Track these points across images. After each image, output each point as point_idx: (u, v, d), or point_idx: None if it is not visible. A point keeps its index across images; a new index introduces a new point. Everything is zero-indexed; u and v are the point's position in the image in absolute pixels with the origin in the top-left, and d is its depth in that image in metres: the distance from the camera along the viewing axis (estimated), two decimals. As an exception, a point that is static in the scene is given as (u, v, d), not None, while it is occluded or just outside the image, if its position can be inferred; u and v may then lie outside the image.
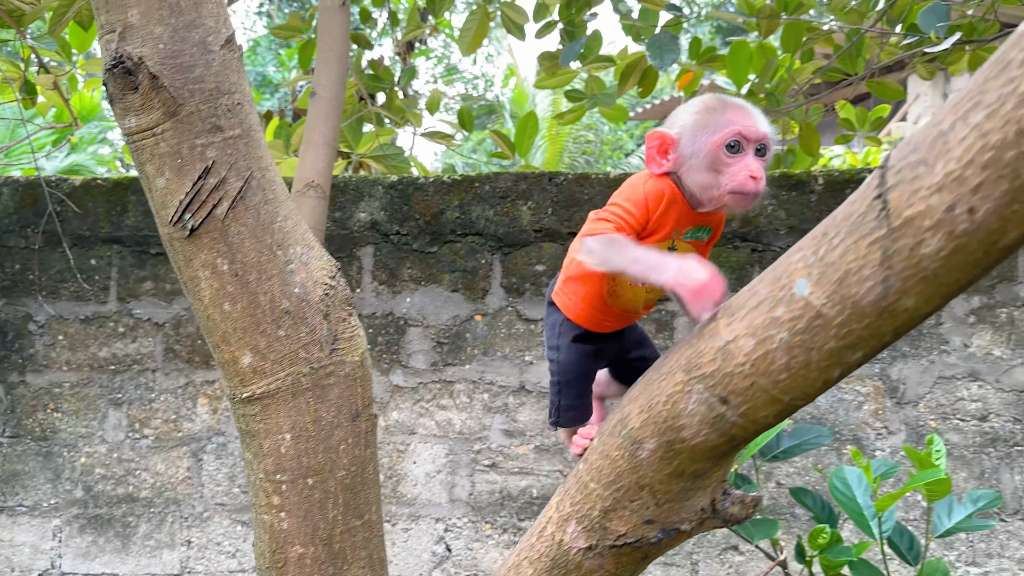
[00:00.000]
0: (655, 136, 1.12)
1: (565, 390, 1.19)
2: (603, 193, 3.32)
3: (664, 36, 3.20)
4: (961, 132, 0.64)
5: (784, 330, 0.74)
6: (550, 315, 1.24)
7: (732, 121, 1.06)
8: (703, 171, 1.08)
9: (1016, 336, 3.20)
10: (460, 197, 3.31)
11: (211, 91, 1.13)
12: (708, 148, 1.06)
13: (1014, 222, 0.63)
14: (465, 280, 3.28)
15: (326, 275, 1.24)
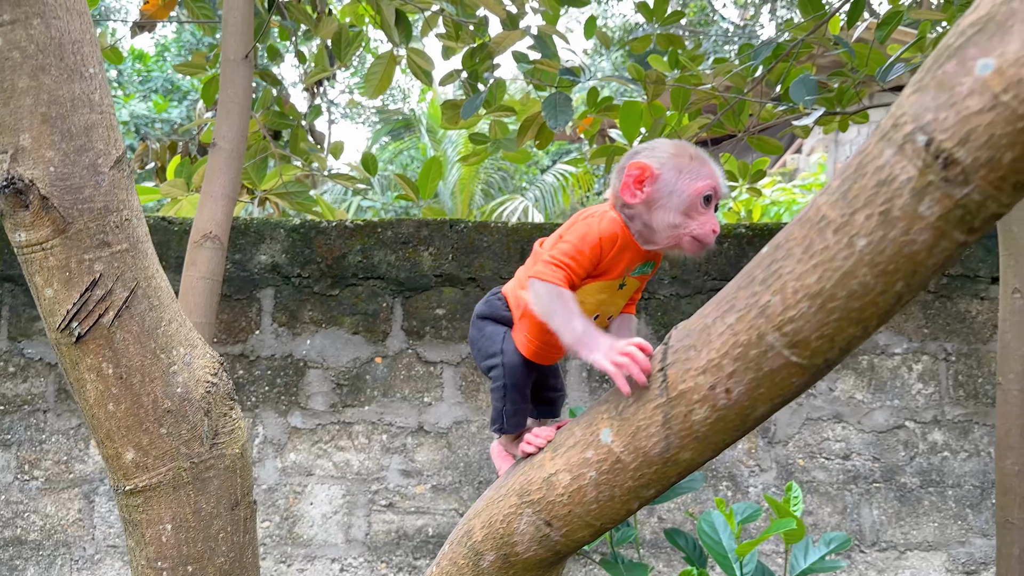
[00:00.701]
0: (636, 166, 1.14)
1: (511, 394, 1.19)
2: (501, 241, 3.47)
3: (559, 97, 3.37)
4: (719, 328, 0.79)
5: (593, 469, 0.88)
6: (484, 327, 1.25)
7: (712, 174, 1.13)
8: (675, 212, 1.11)
9: (876, 381, 3.50)
10: (363, 242, 3.40)
11: (100, 209, 1.21)
12: (689, 193, 1.10)
13: (761, 401, 0.79)
14: (366, 323, 3.37)
15: (208, 373, 1.33)
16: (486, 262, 3.44)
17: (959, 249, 0.69)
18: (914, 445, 3.49)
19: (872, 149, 0.70)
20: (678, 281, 3.49)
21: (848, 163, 0.72)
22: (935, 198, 0.66)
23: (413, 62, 3.83)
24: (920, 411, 3.50)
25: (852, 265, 0.70)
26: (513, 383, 1.19)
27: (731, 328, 0.78)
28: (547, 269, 1.10)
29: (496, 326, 1.23)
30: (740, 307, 0.78)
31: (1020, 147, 0.62)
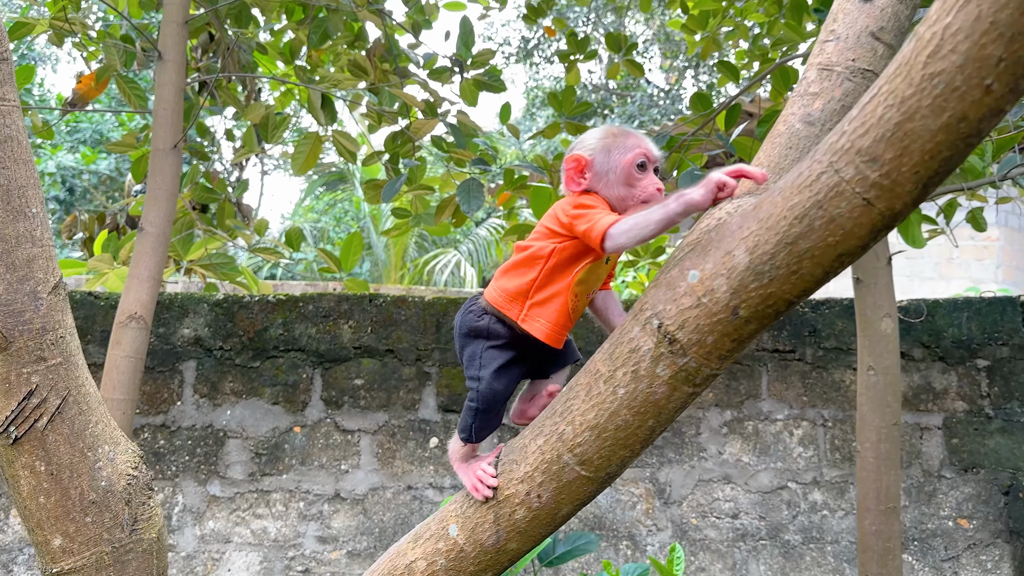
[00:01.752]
0: (572, 159, 1.25)
1: (481, 416, 1.25)
2: (418, 315, 3.70)
3: (472, 184, 3.66)
4: (532, 448, 1.05)
5: (443, 558, 1.12)
6: (467, 345, 1.30)
7: (638, 144, 1.22)
8: (619, 185, 1.21)
9: (760, 445, 3.82)
10: (284, 315, 3.59)
11: (38, 330, 1.41)
12: (622, 165, 1.20)
13: (564, 504, 1.04)
14: (286, 393, 3.54)
15: (130, 466, 1.53)
16: (404, 334, 3.67)
17: (690, 397, 0.96)
18: (796, 504, 3.80)
19: (628, 324, 0.98)
20: (582, 352, 3.77)
21: (615, 332, 0.99)
22: (666, 364, 0.93)
23: (339, 142, 4.07)
24: (801, 472, 3.83)
25: (616, 407, 0.97)
26: (485, 408, 1.24)
27: (540, 448, 1.03)
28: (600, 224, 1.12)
29: (475, 343, 1.28)
30: (546, 432, 1.03)
31: (717, 333, 0.90)
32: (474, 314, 1.30)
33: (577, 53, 4.99)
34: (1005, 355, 3.92)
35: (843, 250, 0.83)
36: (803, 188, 0.84)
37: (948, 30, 0.72)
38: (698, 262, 0.92)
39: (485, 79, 4.19)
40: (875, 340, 3.13)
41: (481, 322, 1.28)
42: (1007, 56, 0.70)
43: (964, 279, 9.58)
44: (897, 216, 0.81)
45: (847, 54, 1.00)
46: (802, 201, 0.84)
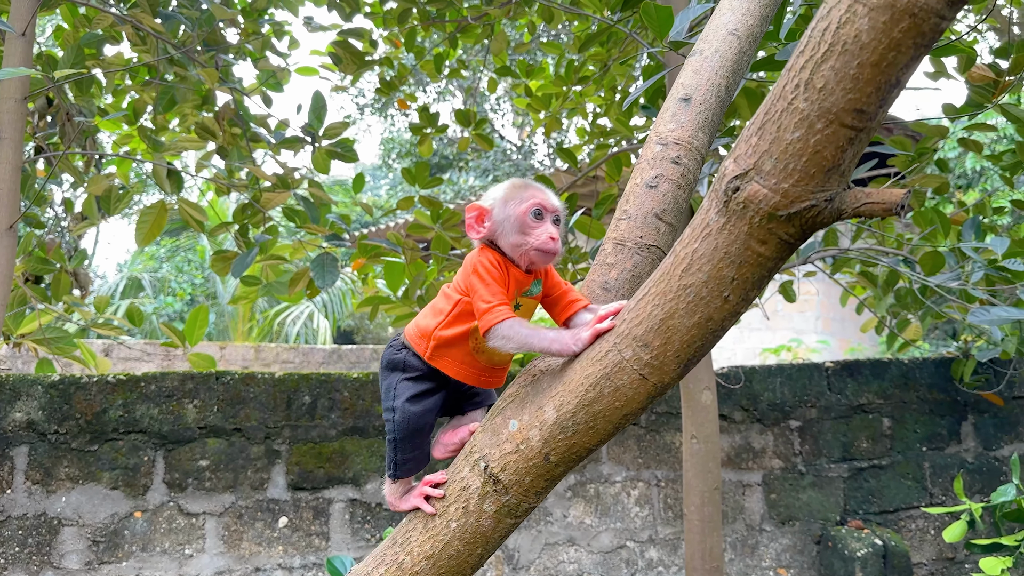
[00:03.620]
0: (473, 208, 1.31)
1: (401, 445, 1.29)
2: (268, 391, 3.70)
3: (326, 258, 3.73)
4: (376, 574, 1.16)
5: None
6: (385, 378, 1.35)
7: (534, 195, 1.28)
8: (514, 233, 1.26)
9: (601, 506, 4.06)
10: (125, 396, 3.49)
11: None
12: (517, 214, 1.26)
13: None
14: (126, 477, 3.43)
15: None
16: (252, 412, 3.65)
17: (512, 527, 1.12)
18: (634, 563, 4.05)
19: (460, 463, 1.13)
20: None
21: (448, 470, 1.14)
22: (491, 500, 1.09)
23: (185, 212, 4.03)
24: (638, 531, 4.09)
25: (449, 539, 1.11)
26: (403, 436, 1.29)
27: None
28: (491, 315, 1.21)
29: (391, 376, 1.34)
30: (387, 562, 1.16)
31: (533, 475, 1.07)
32: (393, 348, 1.36)
33: (428, 126, 5.19)
34: (814, 416, 4.38)
35: (627, 412, 1.02)
36: (595, 361, 1.03)
37: (696, 253, 0.93)
38: (517, 413, 1.09)
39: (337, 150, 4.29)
40: (697, 411, 3.45)
41: (398, 355, 1.34)
42: (738, 277, 0.92)
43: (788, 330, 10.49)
44: (667, 387, 1.01)
45: (636, 231, 1.22)
46: (594, 372, 1.02)
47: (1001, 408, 4.52)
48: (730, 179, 0.89)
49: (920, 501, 4.41)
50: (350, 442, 3.74)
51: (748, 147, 0.88)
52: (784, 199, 0.86)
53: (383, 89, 5.21)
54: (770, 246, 0.90)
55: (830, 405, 4.40)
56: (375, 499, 3.74)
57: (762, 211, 0.87)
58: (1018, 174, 4.03)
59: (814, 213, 0.87)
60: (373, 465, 3.75)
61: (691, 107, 1.29)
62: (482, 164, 18.81)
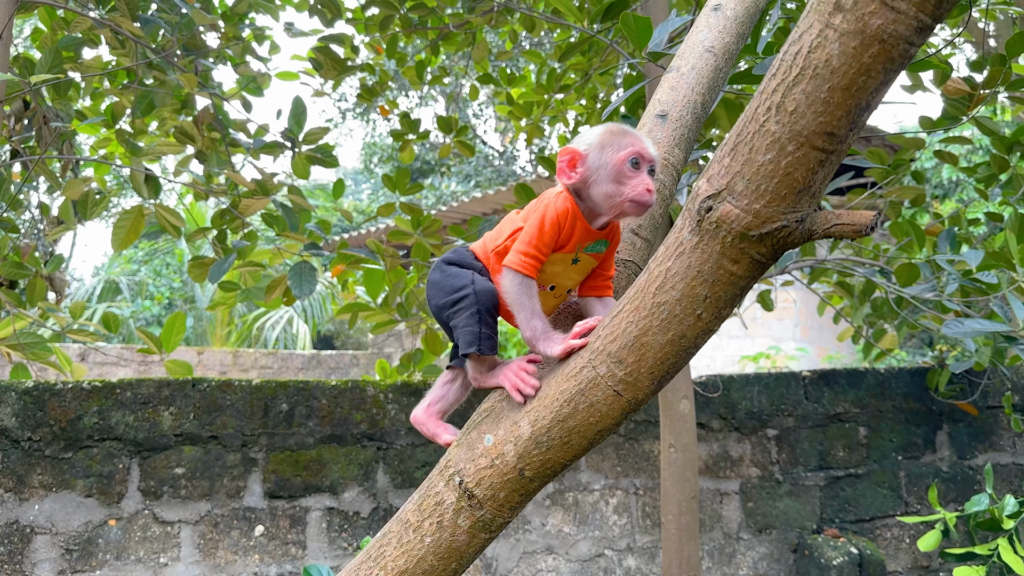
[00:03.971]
0: (566, 152, 1.25)
1: (485, 317, 1.22)
2: (245, 399, 3.67)
3: (304, 267, 3.72)
4: None
5: None
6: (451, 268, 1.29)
7: (632, 143, 1.22)
8: (608, 182, 1.21)
9: (580, 515, 4.06)
10: (100, 403, 3.46)
11: None
12: (614, 162, 1.21)
13: None
14: (100, 485, 3.39)
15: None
16: (229, 419, 3.62)
17: (487, 542, 1.12)
18: (612, 571, 4.06)
19: (435, 478, 1.13)
20: (414, 431, 3.88)
21: (423, 485, 1.14)
22: (466, 515, 1.09)
23: (162, 217, 3.99)
24: (616, 540, 4.10)
25: (424, 553, 1.10)
26: (486, 307, 1.22)
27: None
28: (516, 258, 1.19)
29: (464, 269, 1.27)
30: (361, 576, 1.15)
31: (507, 490, 1.07)
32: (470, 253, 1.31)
33: (410, 133, 5.19)
34: (791, 425, 4.41)
35: (602, 427, 1.03)
36: (571, 377, 1.03)
37: (669, 271, 0.94)
38: (492, 428, 1.09)
39: (318, 155, 4.27)
40: (675, 419, 3.46)
41: (476, 263, 1.29)
42: (711, 295, 0.93)
43: (767, 337, 10.56)
44: (640, 403, 1.01)
45: (612, 246, 1.23)
46: (570, 388, 1.03)
47: (975, 418, 4.57)
48: (703, 199, 0.90)
49: (896, 510, 4.45)
50: (327, 450, 3.72)
51: (721, 168, 0.89)
52: (756, 219, 0.87)
53: (364, 95, 5.20)
54: (742, 265, 0.91)
55: (807, 414, 4.44)
56: (352, 507, 3.72)
57: (734, 231, 0.88)
58: (993, 186, 4.09)
59: (785, 233, 0.88)
60: (351, 473, 3.74)
61: (667, 123, 1.30)
62: (464, 169, 18.82)
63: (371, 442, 3.83)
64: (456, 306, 1.23)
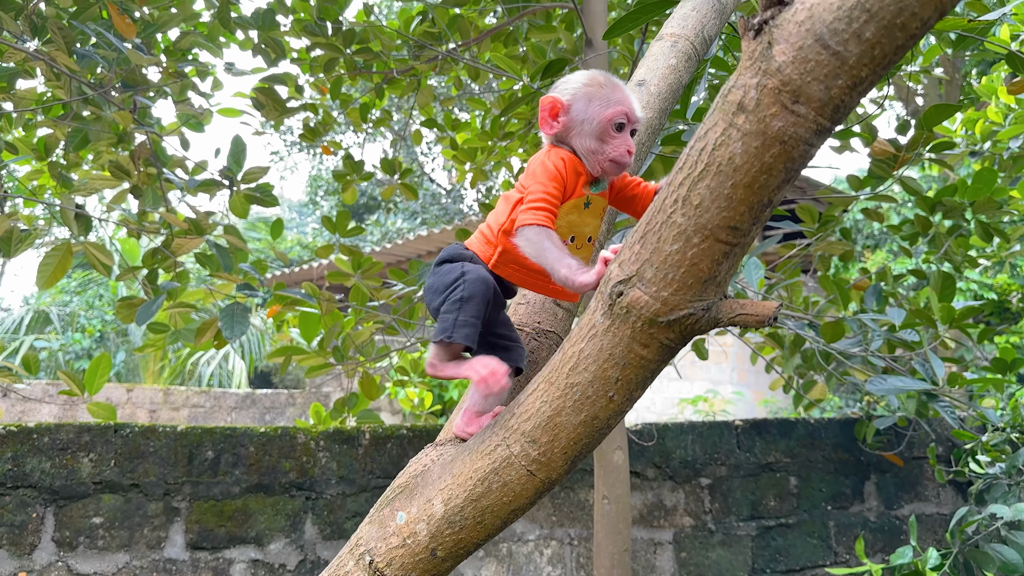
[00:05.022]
0: (548, 101, 1.21)
1: (467, 305, 1.17)
2: (169, 445, 3.56)
3: (236, 308, 3.64)
4: None
5: None
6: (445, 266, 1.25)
7: (621, 101, 1.18)
8: (590, 138, 1.18)
9: (513, 566, 4.01)
10: (15, 448, 3.31)
11: None
12: (599, 119, 1.17)
13: None
14: (11, 535, 3.23)
15: None
16: (152, 467, 3.50)
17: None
18: (545, 622, 4.01)
19: (345, 557, 1.10)
20: (345, 480, 3.80)
21: (333, 563, 1.11)
22: (375, 593, 1.06)
23: (92, 254, 3.89)
24: (550, 591, 4.05)
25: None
26: (470, 295, 1.17)
27: None
28: (530, 214, 1.14)
29: (454, 264, 1.24)
30: None
31: (419, 570, 1.05)
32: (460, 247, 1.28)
33: (352, 174, 5.17)
34: (723, 474, 4.45)
35: (515, 507, 1.02)
36: (484, 455, 1.03)
37: (582, 353, 0.95)
38: (406, 505, 1.07)
39: (257, 194, 4.22)
40: (608, 470, 3.47)
41: (466, 252, 1.26)
42: (622, 378, 0.93)
43: (705, 380, 10.71)
44: (554, 483, 1.01)
45: (534, 316, 1.23)
46: (483, 466, 1.02)
47: (901, 468, 4.69)
48: (615, 283, 0.91)
49: (825, 560, 4.51)
50: (254, 500, 3.61)
51: (632, 253, 0.90)
52: (664, 307, 0.88)
53: (307, 135, 5.18)
54: (652, 349, 0.92)
55: (740, 463, 4.49)
56: (279, 560, 3.61)
57: (644, 317, 0.90)
58: (916, 244, 4.26)
59: (692, 321, 0.89)
60: (277, 524, 3.63)
61: (592, 194, 1.32)
62: (410, 206, 18.81)
63: (300, 492, 3.74)
64: (448, 295, 1.20)
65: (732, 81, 0.81)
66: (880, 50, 0.73)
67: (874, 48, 0.73)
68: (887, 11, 0.71)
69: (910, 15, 0.72)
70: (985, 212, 4.08)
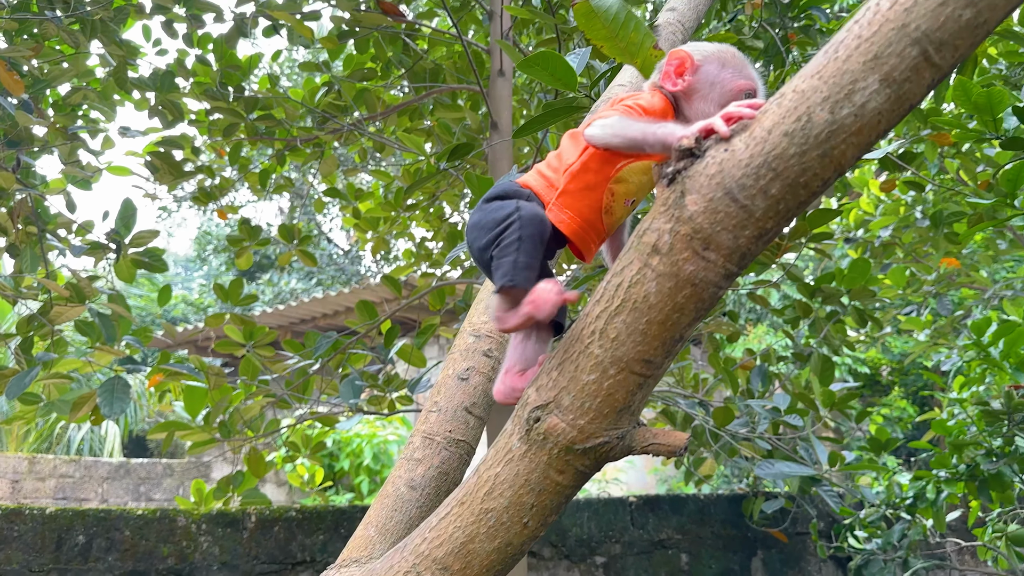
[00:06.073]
0: (678, 56, 1.13)
1: (525, 245, 1.04)
2: (35, 530, 3.29)
3: (117, 383, 3.46)
4: None
5: None
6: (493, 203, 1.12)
7: (753, 76, 1.14)
8: (715, 104, 1.11)
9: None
10: None
11: None
12: (732, 86, 1.11)
13: None
14: None
15: None
16: (15, 554, 3.22)
17: None
18: None
19: None
20: (228, 567, 3.60)
21: None
22: None
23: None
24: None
25: None
26: (529, 234, 1.05)
27: None
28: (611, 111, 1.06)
29: (506, 200, 1.11)
30: None
31: None
32: (516, 185, 1.15)
33: (248, 239, 5.05)
34: (618, 552, 4.48)
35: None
36: (393, 581, 1.00)
37: (498, 478, 0.95)
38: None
39: (145, 259, 4.07)
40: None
41: (522, 190, 1.13)
42: (537, 504, 0.94)
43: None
44: (465, 609, 0.99)
45: (446, 425, 1.23)
46: (393, 594, 1.00)
47: (786, 544, 4.84)
48: (532, 408, 0.93)
49: (714, 635, 4.58)
50: (129, 590, 3.37)
51: (549, 380, 0.92)
52: (580, 435, 0.90)
53: (201, 198, 5.05)
54: (567, 476, 0.93)
55: (633, 540, 4.53)
56: (153, 653, 3.37)
57: (560, 444, 0.91)
58: (798, 328, 4.49)
59: (607, 448, 0.91)
60: None
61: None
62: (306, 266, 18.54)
63: (180, 577, 3.52)
64: (498, 240, 1.07)
65: (647, 223, 0.85)
66: (784, 205, 0.79)
67: (779, 203, 0.79)
68: (791, 171, 0.77)
69: (812, 175, 0.78)
70: (860, 299, 4.36)
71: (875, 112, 0.74)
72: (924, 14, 0.71)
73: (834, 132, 0.75)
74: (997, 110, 2.11)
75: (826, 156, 0.76)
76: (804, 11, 4.02)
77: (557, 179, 1.12)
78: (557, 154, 1.15)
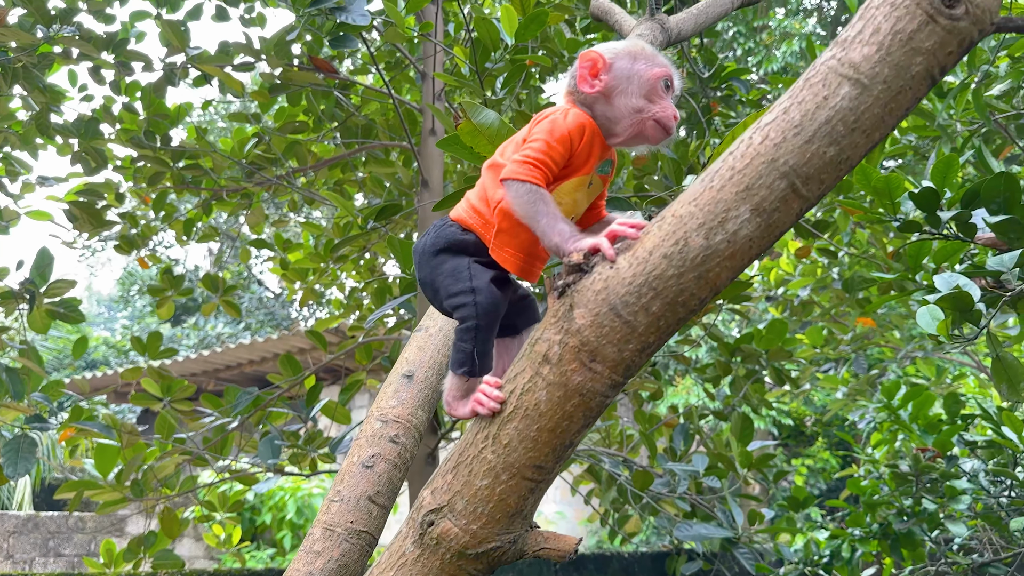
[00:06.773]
0: (588, 57, 1.13)
1: (481, 335, 1.06)
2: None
3: (23, 441, 3.32)
4: None
5: None
6: (444, 262, 1.11)
7: (667, 64, 1.13)
8: (637, 96, 1.10)
9: None
10: None
11: None
12: (649, 76, 1.10)
13: None
14: None
15: None
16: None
17: None
18: None
19: None
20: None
21: None
22: None
23: None
24: None
25: None
26: (486, 322, 1.06)
27: None
28: (522, 168, 1.04)
29: (457, 258, 1.11)
30: None
31: None
32: (455, 228, 1.13)
33: (170, 289, 4.94)
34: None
35: None
36: None
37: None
38: None
39: (60, 310, 3.94)
40: None
41: (465, 237, 1.12)
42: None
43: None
44: None
45: (348, 516, 1.22)
46: None
47: (707, 600, 4.88)
48: (426, 512, 0.93)
49: None
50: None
51: (444, 483, 0.93)
52: (473, 539, 0.91)
53: (123, 247, 4.93)
54: (460, 580, 0.94)
55: (558, 600, 4.51)
56: None
57: (453, 548, 0.92)
58: (719, 387, 4.60)
59: (499, 553, 0.92)
60: None
61: (413, 384, 1.35)
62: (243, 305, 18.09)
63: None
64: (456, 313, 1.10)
65: (539, 332, 0.88)
66: (665, 321, 0.83)
67: (660, 319, 0.83)
68: (670, 291, 0.81)
69: (689, 295, 0.82)
70: (777, 359, 4.49)
71: (747, 239, 0.78)
72: (792, 150, 0.76)
73: (708, 256, 0.79)
74: (895, 194, 2.23)
75: (701, 278, 0.80)
76: (725, 82, 4.20)
77: (490, 215, 1.12)
78: (482, 184, 1.16)
